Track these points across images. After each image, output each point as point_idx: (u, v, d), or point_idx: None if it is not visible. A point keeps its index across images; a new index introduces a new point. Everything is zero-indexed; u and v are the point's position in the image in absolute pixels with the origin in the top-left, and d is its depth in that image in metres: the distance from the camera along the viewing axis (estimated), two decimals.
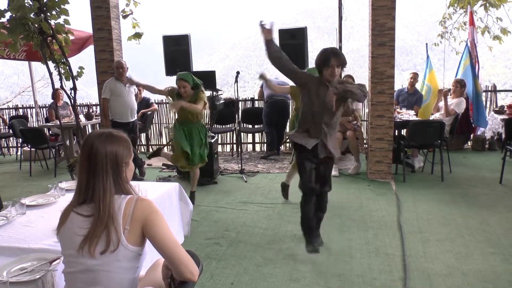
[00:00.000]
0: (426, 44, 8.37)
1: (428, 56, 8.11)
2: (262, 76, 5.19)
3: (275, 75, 9.43)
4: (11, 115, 10.59)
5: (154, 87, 5.53)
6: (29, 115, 10.50)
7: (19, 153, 9.64)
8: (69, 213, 1.75)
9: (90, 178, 1.73)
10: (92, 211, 1.71)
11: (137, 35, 7.14)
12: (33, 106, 10.37)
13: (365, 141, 7.04)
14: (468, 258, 3.60)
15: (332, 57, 3.46)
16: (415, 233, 4.19)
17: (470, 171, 6.57)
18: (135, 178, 6.54)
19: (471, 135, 8.30)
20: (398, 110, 6.99)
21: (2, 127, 9.96)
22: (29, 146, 8.14)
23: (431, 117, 7.12)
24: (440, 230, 4.26)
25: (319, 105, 3.59)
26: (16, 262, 2.07)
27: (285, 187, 5.44)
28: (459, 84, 6.93)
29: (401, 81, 8.11)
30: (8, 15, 5.70)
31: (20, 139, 9.06)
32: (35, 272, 1.96)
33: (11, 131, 9.47)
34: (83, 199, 1.74)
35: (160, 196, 3.27)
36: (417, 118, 6.73)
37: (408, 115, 6.76)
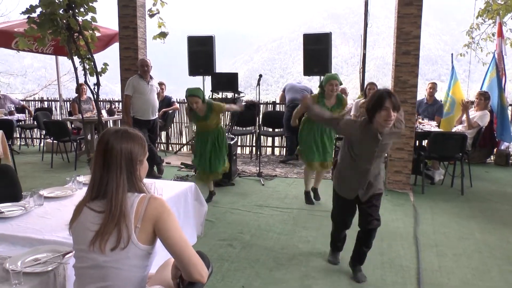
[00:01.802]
0: (452, 54, 8.25)
1: (453, 67, 7.98)
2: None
3: (298, 80, 9.41)
4: (37, 107, 10.79)
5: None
6: (53, 108, 10.68)
7: (42, 144, 9.82)
8: (82, 208, 1.76)
9: (104, 173, 1.75)
10: (104, 207, 1.72)
11: (163, 34, 7.20)
12: (58, 99, 10.55)
13: None
14: (485, 275, 3.53)
15: (386, 98, 2.93)
16: (431, 246, 4.12)
17: (492, 186, 6.44)
18: (153, 175, 6.60)
19: (495, 149, 8.14)
20: (420, 120, 6.89)
21: (27, 118, 10.15)
22: (52, 138, 8.28)
23: (453, 129, 7.01)
24: (457, 244, 4.18)
25: (365, 156, 3.19)
26: (31, 252, 2.10)
27: (307, 195, 5.46)
28: (483, 97, 6.80)
29: (423, 91, 8.01)
30: (38, 10, 5.83)
31: (43, 131, 9.23)
32: (48, 264, 1.99)
33: (35, 123, 9.65)
34: (96, 195, 1.76)
35: (176, 195, 3.29)
36: (438, 129, 6.63)
37: (430, 125, 6.66)
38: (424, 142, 6.94)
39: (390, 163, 6.19)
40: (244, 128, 9.05)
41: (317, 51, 7.56)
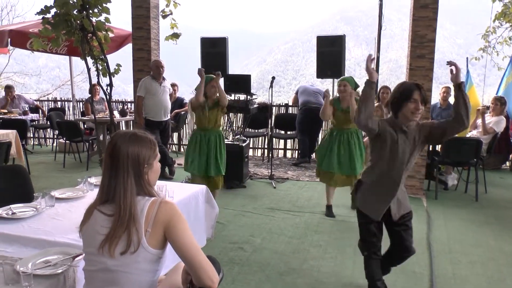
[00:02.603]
0: (467, 58, 8.14)
1: (468, 71, 7.88)
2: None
3: (311, 82, 9.37)
4: (50, 107, 10.88)
5: None
6: (66, 108, 10.76)
7: (54, 144, 9.89)
8: (93, 211, 1.75)
9: (112, 177, 1.73)
10: (114, 211, 1.70)
11: (175, 35, 7.22)
12: (71, 99, 10.63)
13: None
14: (501, 283, 3.46)
15: (415, 90, 2.75)
16: (445, 253, 4.06)
17: (507, 193, 6.34)
18: (164, 177, 6.60)
19: (510, 155, 8.01)
20: None
21: (41, 118, 10.24)
22: (64, 139, 8.33)
23: (468, 134, 6.91)
24: (471, 251, 4.11)
25: (397, 158, 2.91)
26: (42, 254, 2.09)
27: (329, 209, 5.19)
28: (499, 102, 6.70)
29: (437, 95, 7.91)
30: (52, 11, 5.88)
31: (56, 131, 9.30)
32: (58, 266, 1.98)
33: (48, 123, 9.73)
34: (106, 198, 1.75)
35: (187, 198, 3.27)
36: None
37: None
38: (438, 147, 6.85)
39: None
40: (256, 130, 9.03)
41: (330, 54, 7.51)
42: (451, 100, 7.35)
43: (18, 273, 1.84)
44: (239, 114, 8.95)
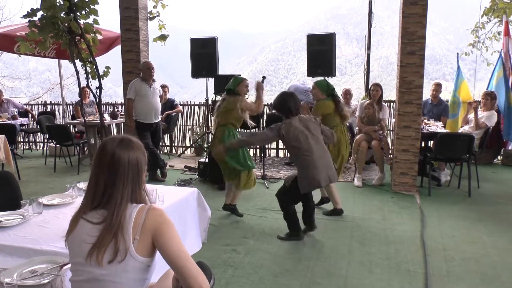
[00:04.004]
0: (458, 54, 8.16)
1: (459, 67, 7.89)
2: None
3: (302, 80, 9.34)
4: (40, 110, 10.78)
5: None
6: (56, 112, 10.66)
7: (45, 148, 9.80)
8: (79, 220, 1.71)
9: (108, 186, 1.69)
10: (103, 218, 1.66)
11: (163, 37, 7.17)
12: (61, 103, 10.53)
13: (390, 152, 6.90)
14: (495, 281, 3.44)
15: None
16: (439, 250, 4.04)
17: (500, 187, 6.35)
18: (156, 179, 6.55)
19: (502, 150, 8.03)
20: (426, 121, 6.80)
21: (31, 122, 10.14)
22: (55, 142, 8.25)
23: (460, 130, 6.92)
24: (465, 248, 4.09)
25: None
26: (28, 264, 2.04)
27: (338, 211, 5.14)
28: (490, 97, 6.71)
29: (428, 91, 7.92)
30: (39, 14, 5.80)
31: (47, 135, 9.20)
32: (45, 276, 1.93)
33: (38, 127, 9.63)
34: (96, 205, 1.70)
35: (178, 202, 3.22)
36: (445, 130, 6.54)
37: (436, 126, 6.58)
38: (430, 143, 6.85)
39: (396, 164, 6.11)
40: (248, 130, 8.97)
41: (321, 52, 7.50)
42: (443, 95, 7.37)
43: (3, 284, 1.79)
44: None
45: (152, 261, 1.71)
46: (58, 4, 5.69)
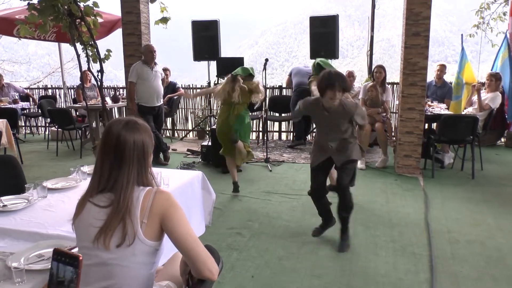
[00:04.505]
0: (462, 35, 8.06)
1: (463, 48, 7.80)
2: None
3: (304, 63, 9.28)
4: (41, 95, 10.72)
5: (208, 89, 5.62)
6: (57, 96, 10.61)
7: (47, 132, 9.77)
8: (86, 204, 1.69)
9: (115, 168, 1.67)
10: (110, 202, 1.64)
11: (164, 20, 7.06)
12: (62, 87, 10.48)
13: (393, 134, 6.86)
14: (500, 263, 3.44)
15: (336, 82, 3.48)
16: (443, 233, 4.04)
17: (503, 169, 6.33)
18: (159, 163, 6.54)
19: (505, 131, 7.99)
20: (430, 103, 6.76)
21: (32, 107, 10.10)
22: (56, 126, 8.23)
23: (464, 112, 6.87)
24: (469, 230, 4.09)
25: (326, 127, 3.81)
26: (34, 248, 2.04)
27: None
28: (494, 78, 6.64)
29: (431, 73, 7.85)
30: None
31: (48, 119, 9.18)
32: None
33: (39, 111, 9.59)
34: (103, 188, 1.68)
35: (183, 185, 3.21)
36: (449, 112, 6.50)
37: (439, 108, 6.53)
38: (434, 125, 6.81)
39: (399, 147, 6.09)
40: (250, 113, 8.93)
41: (324, 34, 7.42)
42: (446, 77, 7.30)
43: (10, 268, 1.79)
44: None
45: (160, 245, 1.70)
46: None
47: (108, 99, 8.07)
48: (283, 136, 9.39)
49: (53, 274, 1.50)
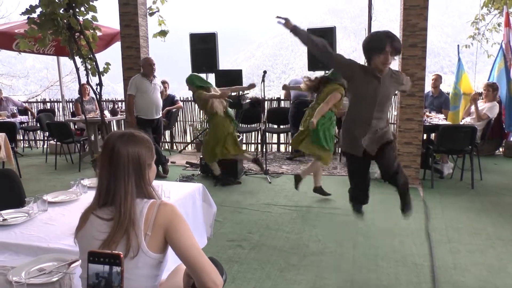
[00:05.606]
0: (458, 46, 8.12)
1: (459, 59, 7.86)
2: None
3: (301, 75, 9.33)
4: (39, 108, 10.74)
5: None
6: (56, 109, 10.62)
7: (45, 146, 9.76)
8: (89, 216, 1.68)
9: (111, 180, 1.66)
10: (112, 215, 1.64)
11: (163, 33, 7.13)
12: (60, 100, 10.49)
13: None
14: (501, 272, 3.43)
15: (387, 42, 2.97)
16: (444, 243, 4.03)
17: (502, 179, 6.34)
18: (158, 176, 6.52)
19: (503, 141, 8.02)
20: (428, 113, 6.78)
21: (30, 120, 10.10)
22: (55, 140, 8.22)
23: (462, 122, 6.90)
24: (470, 240, 4.09)
25: (371, 102, 3.21)
26: (35, 262, 2.02)
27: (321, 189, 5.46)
28: (491, 88, 6.70)
29: (428, 84, 7.90)
30: (38, 10, 5.75)
31: (47, 133, 9.18)
32: (53, 274, 1.91)
33: (38, 125, 9.59)
34: (104, 202, 1.68)
35: (184, 198, 3.20)
36: (447, 122, 6.52)
37: (437, 119, 6.56)
38: (432, 136, 6.83)
39: (398, 157, 6.08)
40: (249, 126, 8.96)
41: None
42: (443, 88, 7.35)
43: (11, 283, 1.77)
44: (231, 109, 8.87)
45: (164, 257, 1.69)
46: (57, 0, 5.64)
47: (106, 112, 8.08)
48: (282, 148, 9.40)
49: (93, 276, 1.44)
